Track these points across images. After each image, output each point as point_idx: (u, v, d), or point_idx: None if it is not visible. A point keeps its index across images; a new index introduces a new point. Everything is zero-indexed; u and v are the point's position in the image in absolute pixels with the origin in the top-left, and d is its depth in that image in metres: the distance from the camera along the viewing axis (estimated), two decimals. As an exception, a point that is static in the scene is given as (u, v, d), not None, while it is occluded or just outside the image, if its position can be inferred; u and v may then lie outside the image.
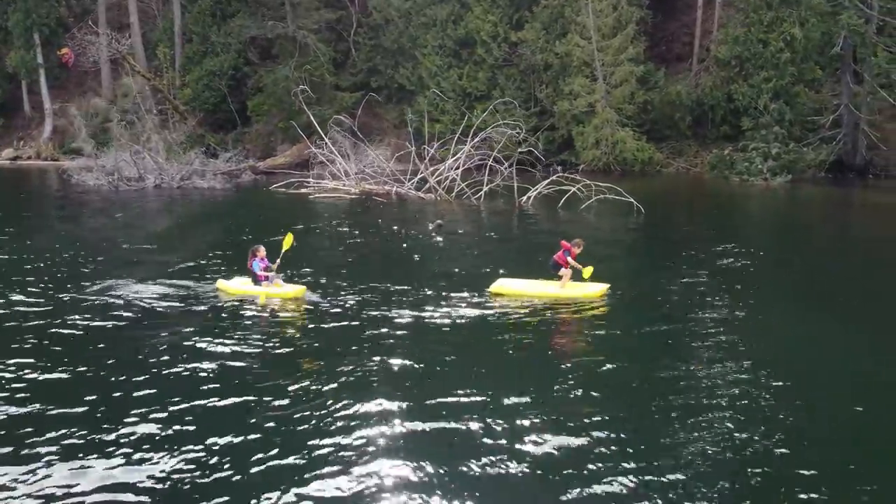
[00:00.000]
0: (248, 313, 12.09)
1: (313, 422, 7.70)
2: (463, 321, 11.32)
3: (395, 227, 20.58)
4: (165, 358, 9.70)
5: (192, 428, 7.59)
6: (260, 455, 6.95)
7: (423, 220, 21.94)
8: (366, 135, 42.66)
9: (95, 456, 6.98)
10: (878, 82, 30.48)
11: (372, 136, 41.12)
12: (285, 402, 8.25)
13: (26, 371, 9.13)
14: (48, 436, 7.34)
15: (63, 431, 7.43)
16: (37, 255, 16.27)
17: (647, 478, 6.59)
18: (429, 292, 12.90)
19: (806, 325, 11.53)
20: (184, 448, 7.14)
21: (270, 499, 6.24)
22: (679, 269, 15.60)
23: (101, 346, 10.34)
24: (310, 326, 11.50)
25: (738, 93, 34.59)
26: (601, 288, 13.02)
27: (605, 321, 11.85)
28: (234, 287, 13.40)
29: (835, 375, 9.37)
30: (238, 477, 6.62)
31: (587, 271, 12.93)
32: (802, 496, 6.33)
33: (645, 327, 11.29)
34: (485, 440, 7.29)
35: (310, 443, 7.23)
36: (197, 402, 8.22)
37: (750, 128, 33.78)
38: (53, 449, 7.10)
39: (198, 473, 6.69)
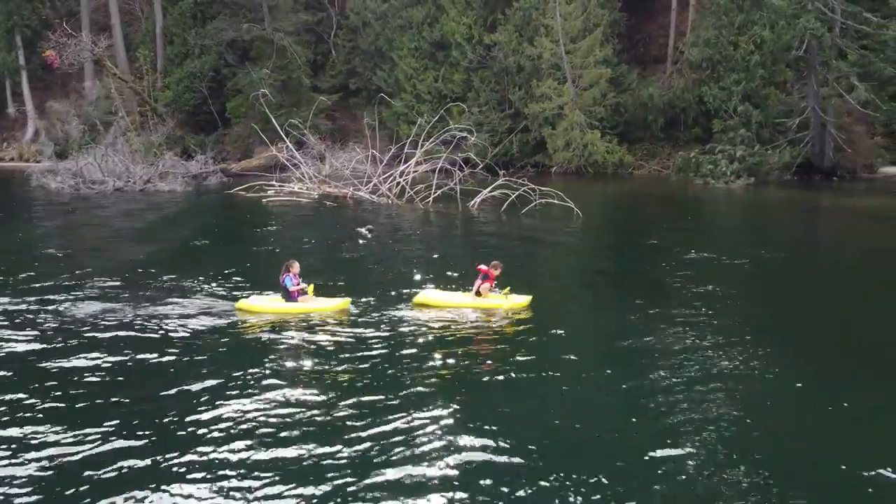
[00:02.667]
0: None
1: (222, 437, 7.66)
2: (385, 334, 11.22)
3: (329, 238, 20.15)
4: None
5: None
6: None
7: (367, 224, 21.37)
8: (344, 136, 43.03)
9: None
10: (841, 85, 30.49)
11: (349, 138, 41.43)
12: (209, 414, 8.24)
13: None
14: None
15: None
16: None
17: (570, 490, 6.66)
18: (353, 307, 12.74)
19: (726, 331, 11.25)
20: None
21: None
22: (606, 278, 15.74)
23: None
24: (228, 338, 11.14)
25: (709, 95, 34.77)
26: (524, 299, 12.88)
27: (526, 334, 11.65)
28: (258, 305, 12.54)
29: (763, 386, 9.22)
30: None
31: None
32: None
33: (567, 339, 11.16)
34: (405, 455, 7.28)
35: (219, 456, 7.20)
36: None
37: (719, 130, 33.91)
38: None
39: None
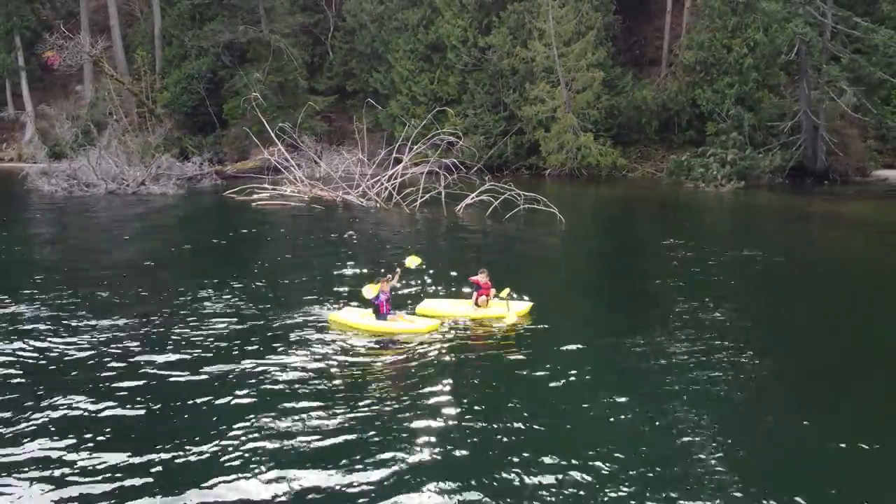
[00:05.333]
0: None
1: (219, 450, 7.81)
2: (393, 344, 11.25)
3: (315, 244, 19.98)
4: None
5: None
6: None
7: (349, 228, 21.38)
8: (341, 138, 43.18)
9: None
10: (832, 88, 30.50)
11: (346, 140, 41.61)
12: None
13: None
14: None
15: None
16: None
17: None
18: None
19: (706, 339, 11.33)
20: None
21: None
22: (593, 284, 15.91)
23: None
24: (206, 346, 11.13)
25: (702, 98, 34.82)
26: (524, 307, 12.83)
27: (530, 340, 11.64)
28: (351, 320, 12.19)
29: (765, 399, 9.33)
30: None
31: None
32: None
33: (568, 345, 11.19)
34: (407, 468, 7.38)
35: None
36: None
37: (712, 133, 33.96)
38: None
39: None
